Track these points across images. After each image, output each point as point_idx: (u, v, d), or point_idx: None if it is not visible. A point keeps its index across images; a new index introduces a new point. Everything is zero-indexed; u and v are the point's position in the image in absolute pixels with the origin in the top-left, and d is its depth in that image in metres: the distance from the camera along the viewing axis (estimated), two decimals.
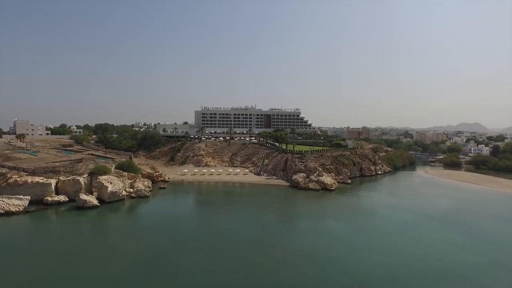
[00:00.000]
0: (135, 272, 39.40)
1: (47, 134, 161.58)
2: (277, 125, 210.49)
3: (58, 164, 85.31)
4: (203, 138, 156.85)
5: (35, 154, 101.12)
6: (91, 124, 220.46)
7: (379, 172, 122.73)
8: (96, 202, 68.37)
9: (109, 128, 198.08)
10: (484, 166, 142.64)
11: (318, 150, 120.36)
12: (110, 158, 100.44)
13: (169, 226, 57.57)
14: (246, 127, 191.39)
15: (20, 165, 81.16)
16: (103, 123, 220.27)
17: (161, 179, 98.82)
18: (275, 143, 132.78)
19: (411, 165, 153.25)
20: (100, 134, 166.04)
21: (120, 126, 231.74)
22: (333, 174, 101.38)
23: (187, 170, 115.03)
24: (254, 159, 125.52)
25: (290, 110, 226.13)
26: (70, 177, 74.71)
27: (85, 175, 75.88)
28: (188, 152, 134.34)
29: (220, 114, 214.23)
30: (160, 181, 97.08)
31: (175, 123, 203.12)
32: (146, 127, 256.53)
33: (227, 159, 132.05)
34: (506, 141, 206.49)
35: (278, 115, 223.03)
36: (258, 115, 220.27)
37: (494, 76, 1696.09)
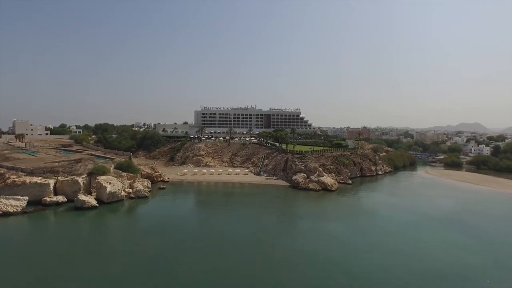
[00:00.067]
0: (135, 272, 39.16)
1: (47, 134, 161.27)
2: (277, 125, 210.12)
3: (57, 164, 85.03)
4: (203, 138, 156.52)
5: (34, 154, 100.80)
6: (91, 124, 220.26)
7: (380, 172, 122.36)
8: (94, 203, 67.95)
9: (108, 128, 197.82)
10: (485, 166, 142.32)
11: (318, 150, 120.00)
12: (109, 158, 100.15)
13: (169, 227, 57.22)
14: (246, 127, 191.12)
15: (19, 165, 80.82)
16: (102, 123, 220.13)
17: (160, 179, 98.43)
18: (275, 143, 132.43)
19: (412, 165, 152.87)
20: (99, 134, 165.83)
21: (120, 126, 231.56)
22: (333, 175, 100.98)
23: (186, 170, 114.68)
24: (254, 159, 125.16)
25: (290, 110, 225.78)
26: (68, 178, 74.32)
27: (84, 176, 75.50)
28: (188, 152, 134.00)
29: (220, 114, 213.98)
30: (159, 181, 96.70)
31: (175, 123, 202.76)
32: (146, 127, 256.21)
33: (227, 159, 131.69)
34: (506, 141, 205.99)
35: (278, 115, 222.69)
36: (258, 115, 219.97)
37: (494, 76, 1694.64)
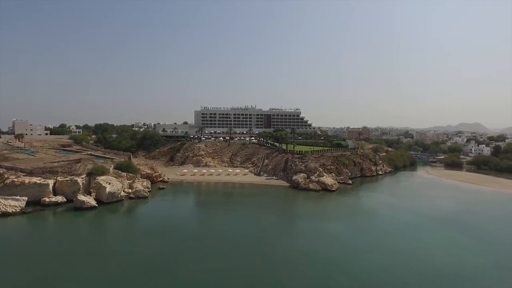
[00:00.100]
0: (134, 272, 38.96)
1: (46, 134, 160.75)
2: (277, 125, 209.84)
3: (56, 164, 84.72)
4: (203, 138, 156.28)
5: (33, 154, 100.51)
6: (91, 124, 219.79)
7: (380, 173, 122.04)
8: (94, 203, 67.68)
9: (108, 128, 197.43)
10: (486, 166, 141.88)
11: (318, 150, 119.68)
12: (109, 158, 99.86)
13: (168, 227, 56.95)
14: (246, 127, 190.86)
15: (18, 165, 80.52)
16: (102, 123, 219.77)
17: (160, 179, 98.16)
18: (275, 143, 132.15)
19: (412, 165, 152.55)
20: (99, 134, 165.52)
21: (120, 126, 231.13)
22: (333, 175, 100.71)
23: (186, 170, 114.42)
24: (254, 159, 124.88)
25: (290, 110, 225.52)
26: (68, 178, 74.04)
27: (83, 176, 75.22)
28: (187, 152, 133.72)
29: (220, 114, 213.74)
30: (159, 182, 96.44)
31: (175, 123, 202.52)
32: (146, 127, 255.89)
33: (227, 159, 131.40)
34: (507, 141, 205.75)
35: (278, 115, 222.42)
36: (258, 115, 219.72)
37: (494, 76, 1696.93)
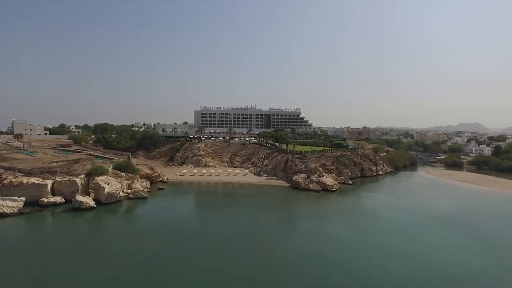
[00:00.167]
0: (134, 273, 38.67)
1: (46, 134, 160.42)
2: (277, 125, 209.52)
3: (55, 164, 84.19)
4: (203, 138, 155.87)
5: (32, 155, 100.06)
6: (91, 124, 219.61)
7: (380, 173, 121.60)
8: (92, 204, 67.20)
9: (108, 128, 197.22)
10: (486, 166, 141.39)
11: (318, 150, 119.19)
12: (108, 159, 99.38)
13: (168, 227, 56.54)
14: (246, 127, 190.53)
15: (16, 165, 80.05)
16: (102, 123, 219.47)
17: (159, 179, 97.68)
18: (275, 143, 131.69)
19: (412, 165, 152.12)
20: (99, 134, 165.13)
21: (119, 126, 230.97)
22: (334, 175, 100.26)
23: (186, 170, 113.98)
24: (254, 159, 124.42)
25: (290, 110, 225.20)
26: (66, 178, 73.59)
27: (82, 176, 74.75)
28: (187, 152, 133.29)
29: (219, 114, 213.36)
30: (158, 182, 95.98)
31: (175, 123, 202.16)
32: (145, 127, 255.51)
33: (227, 159, 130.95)
34: (507, 141, 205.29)
35: (278, 115, 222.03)
36: (258, 115, 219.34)
37: (494, 76, 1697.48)
